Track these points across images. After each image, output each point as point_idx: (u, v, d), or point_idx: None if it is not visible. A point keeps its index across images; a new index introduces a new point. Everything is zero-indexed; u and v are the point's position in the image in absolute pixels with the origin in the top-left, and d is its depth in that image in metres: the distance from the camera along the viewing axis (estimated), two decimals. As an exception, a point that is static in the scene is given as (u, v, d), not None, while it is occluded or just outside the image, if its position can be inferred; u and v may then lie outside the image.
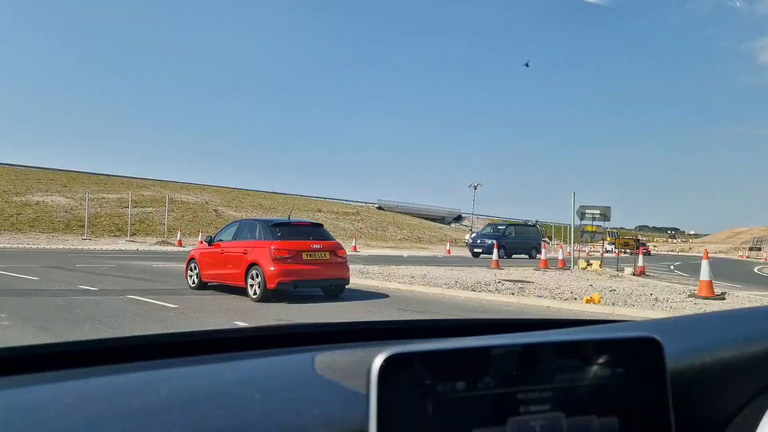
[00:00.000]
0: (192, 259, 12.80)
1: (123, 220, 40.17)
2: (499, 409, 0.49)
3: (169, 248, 29.48)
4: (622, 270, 19.32)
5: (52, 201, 43.19)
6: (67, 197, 45.22)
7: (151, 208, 45.73)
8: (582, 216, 21.60)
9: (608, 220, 21.58)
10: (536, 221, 53.49)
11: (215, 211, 50.38)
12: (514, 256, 32.62)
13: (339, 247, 11.87)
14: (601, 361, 0.54)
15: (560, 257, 21.95)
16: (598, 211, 21.49)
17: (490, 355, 0.50)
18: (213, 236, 12.75)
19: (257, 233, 11.60)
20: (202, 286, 12.29)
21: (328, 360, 0.75)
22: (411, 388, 0.46)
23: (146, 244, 31.48)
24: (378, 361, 0.45)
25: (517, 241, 33.69)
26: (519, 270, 19.52)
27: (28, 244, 28.24)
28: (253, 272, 10.98)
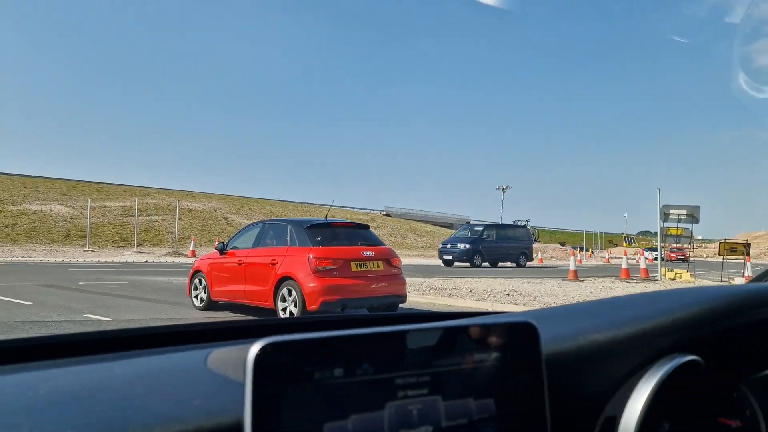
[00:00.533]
0: (198, 271, 9.98)
1: (128, 230, 37.17)
2: (378, 394, 0.50)
3: (182, 259, 26.46)
4: (731, 280, 16.32)
5: (50, 210, 40.21)
6: (66, 206, 42.27)
7: (157, 217, 42.76)
8: (666, 217, 18.60)
9: (697, 221, 18.62)
10: (527, 221, 47.05)
11: (225, 219, 47.38)
12: (499, 264, 28.00)
13: (393, 254, 9.15)
14: (478, 345, 0.56)
15: (642, 266, 18.84)
16: (684, 212, 18.51)
17: (368, 342, 0.51)
18: (226, 242, 9.88)
19: (289, 237, 8.81)
20: (211, 305, 9.58)
21: (220, 355, 0.73)
22: (289, 376, 0.46)
23: (155, 255, 28.48)
24: (253, 351, 0.45)
25: (499, 246, 28.26)
26: (601, 282, 16.53)
27: (23, 256, 25.23)
28: (287, 289, 8.31)
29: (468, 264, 26.49)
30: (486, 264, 27.41)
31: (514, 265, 28.40)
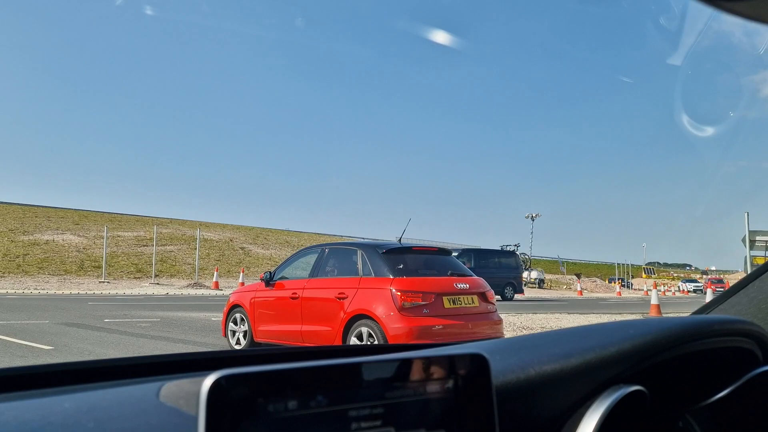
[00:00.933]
0: (236, 307, 8.19)
1: (143, 260, 35.45)
2: (331, 426, 0.51)
3: (205, 291, 24.62)
4: None
5: (63, 240, 38.66)
6: (79, 236, 40.72)
7: (172, 247, 41.07)
8: (752, 245, 16.68)
9: (789, 249, 16.66)
10: (516, 245, 42.00)
11: (242, 249, 45.65)
12: None
13: (487, 287, 7.39)
14: (430, 377, 0.57)
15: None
16: (774, 239, 16.60)
17: (322, 374, 0.51)
18: (273, 271, 8.07)
19: (360, 265, 7.04)
20: (254, 347, 7.80)
21: (173, 388, 0.72)
22: (242, 409, 0.47)
23: (175, 287, 26.63)
24: (207, 384, 0.45)
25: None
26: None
27: (35, 288, 23.47)
28: (362, 331, 6.57)
29: None
30: None
31: (498, 297, 24.23)
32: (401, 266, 6.89)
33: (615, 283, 44.93)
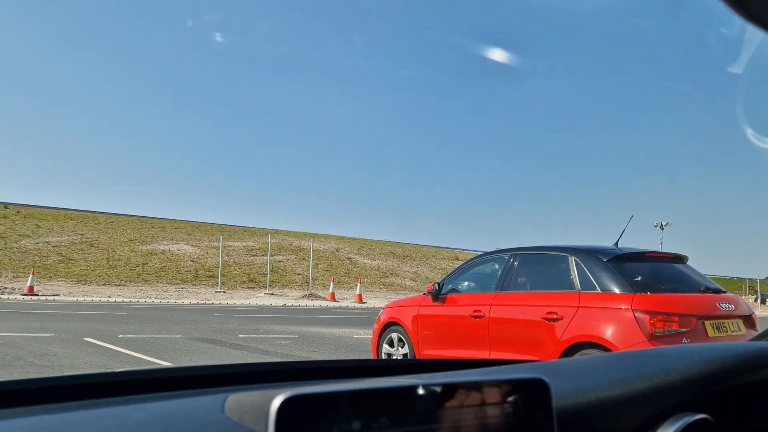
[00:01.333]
0: (392, 324, 6.59)
1: (254, 270, 35.24)
2: None
3: (321, 303, 23.50)
4: None
5: (177, 249, 39.34)
6: (192, 245, 41.37)
7: (281, 257, 40.80)
8: None
9: None
10: None
11: (348, 259, 44.81)
12: None
13: (750, 307, 5.45)
14: (491, 401, 0.57)
15: None
16: None
17: (385, 396, 0.52)
18: (441, 282, 6.34)
19: (575, 276, 5.25)
20: None
21: (238, 401, 0.71)
22: (308, 429, 0.47)
23: (291, 298, 25.75)
24: (276, 403, 0.46)
25: None
26: None
27: (156, 297, 23.28)
28: None
29: None
30: None
31: None
32: (638, 278, 4.97)
33: (764, 301, 39.72)
